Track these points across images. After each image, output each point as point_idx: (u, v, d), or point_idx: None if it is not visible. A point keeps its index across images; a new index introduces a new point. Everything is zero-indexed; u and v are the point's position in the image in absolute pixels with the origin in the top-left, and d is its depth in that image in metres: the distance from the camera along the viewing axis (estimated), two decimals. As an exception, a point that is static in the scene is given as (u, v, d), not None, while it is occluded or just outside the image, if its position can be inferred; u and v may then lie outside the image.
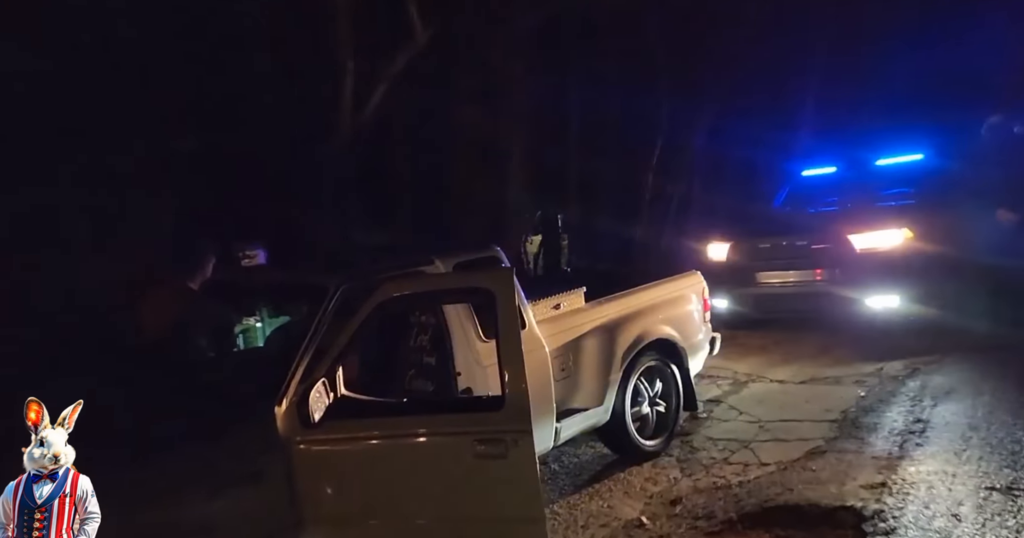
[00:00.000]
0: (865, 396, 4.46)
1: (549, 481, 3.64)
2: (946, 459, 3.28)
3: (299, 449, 2.23)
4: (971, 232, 5.68)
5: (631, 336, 3.75)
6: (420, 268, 2.97)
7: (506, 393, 2.27)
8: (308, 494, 2.23)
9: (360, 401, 2.38)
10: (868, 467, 3.30)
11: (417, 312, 3.08)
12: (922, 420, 3.85)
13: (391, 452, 2.29)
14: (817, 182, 7.42)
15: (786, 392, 4.80)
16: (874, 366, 5.06)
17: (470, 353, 3.03)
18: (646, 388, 3.88)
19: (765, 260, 6.35)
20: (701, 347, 4.34)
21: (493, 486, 2.25)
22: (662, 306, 4.06)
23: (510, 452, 2.21)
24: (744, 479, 3.41)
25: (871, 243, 5.83)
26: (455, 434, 2.27)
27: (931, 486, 3.01)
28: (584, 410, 3.51)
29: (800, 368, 5.28)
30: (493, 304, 2.35)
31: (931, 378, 4.62)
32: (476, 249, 3.41)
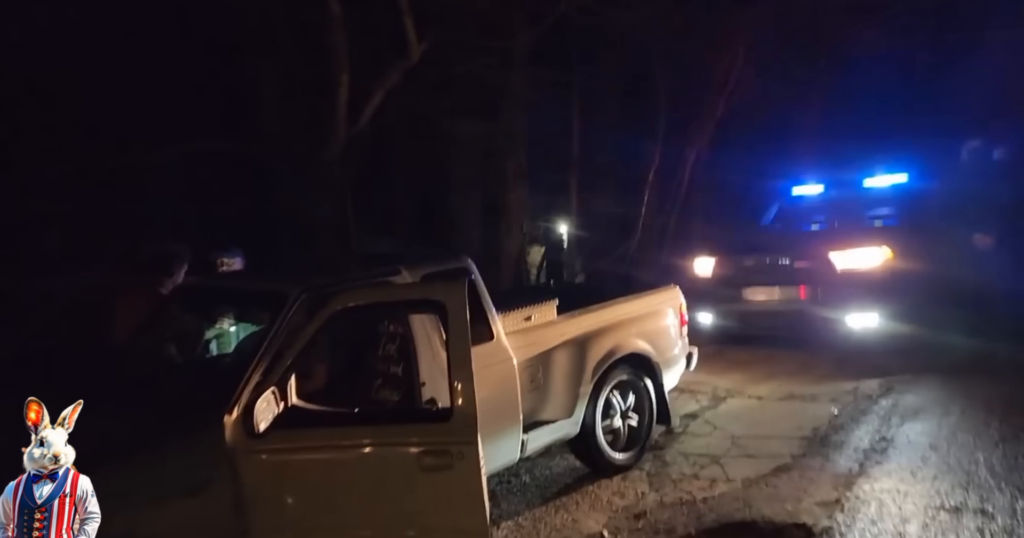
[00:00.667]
0: (838, 414, 4.46)
1: (519, 493, 3.66)
2: (901, 477, 3.29)
3: (244, 459, 2.25)
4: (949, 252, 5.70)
5: (603, 349, 3.77)
6: (386, 278, 3.02)
7: (454, 405, 2.31)
8: (253, 505, 2.24)
9: (310, 411, 2.41)
10: (827, 484, 3.31)
11: (385, 322, 3.11)
12: (886, 438, 3.85)
13: (336, 463, 2.31)
14: (805, 201, 7.46)
15: (763, 408, 4.80)
16: (851, 384, 5.05)
17: (435, 364, 3.05)
18: (618, 401, 3.89)
19: (750, 276, 6.36)
20: (676, 362, 4.34)
21: (439, 498, 2.27)
22: (636, 320, 4.08)
23: (456, 464, 2.23)
24: (709, 495, 3.42)
25: (852, 262, 5.85)
26: (401, 445, 2.30)
27: (882, 504, 3.02)
28: (553, 422, 3.53)
29: (780, 385, 5.28)
30: (444, 315, 2.39)
31: (903, 397, 4.63)
32: (446, 260, 3.45)
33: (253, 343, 2.61)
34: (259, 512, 2.25)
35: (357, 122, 6.68)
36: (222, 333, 3.41)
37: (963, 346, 5.45)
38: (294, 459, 2.30)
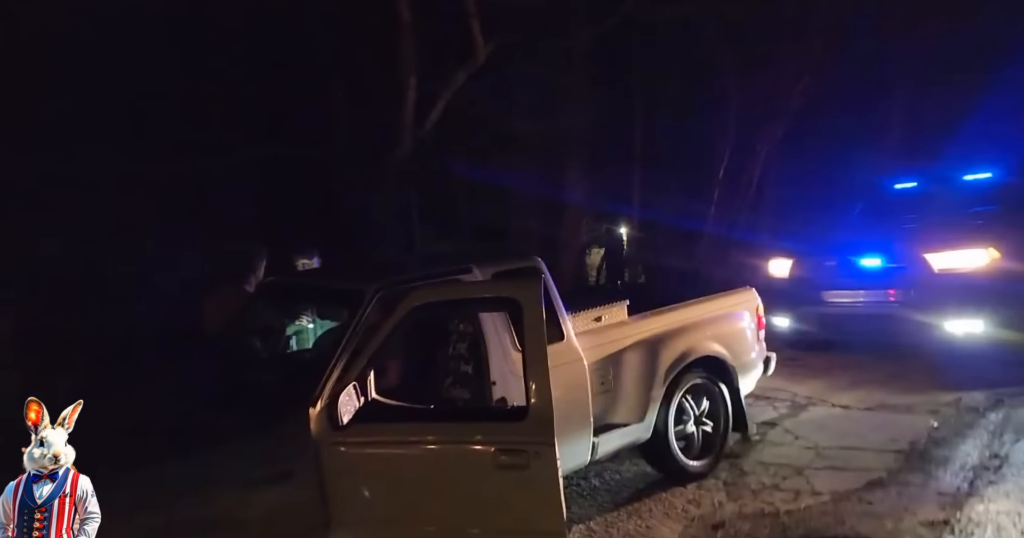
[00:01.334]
0: (938, 427, 4.11)
1: (588, 496, 3.58)
2: (1021, 499, 2.96)
3: (328, 450, 2.31)
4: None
5: (676, 352, 3.64)
6: (458, 276, 3.02)
7: (530, 404, 2.27)
8: (336, 495, 2.29)
9: (388, 406, 2.44)
10: (931, 503, 3.04)
11: (456, 320, 3.12)
12: (999, 456, 3.50)
13: (414, 458, 2.33)
14: (895, 196, 6.94)
15: (849, 418, 4.50)
16: (951, 396, 4.65)
17: (506, 363, 3.03)
18: (692, 406, 3.75)
19: (832, 277, 5.99)
20: (753, 366, 4.15)
21: (514, 498, 2.24)
22: (711, 322, 3.92)
23: (532, 464, 2.19)
24: (794, 507, 3.22)
25: (951, 263, 5.37)
26: (477, 443, 2.29)
27: (999, 527, 2.74)
28: (624, 426, 3.44)
29: (867, 393, 4.93)
30: (520, 314, 2.36)
31: (1016, 411, 4.20)
32: (516, 258, 3.43)
33: (332, 339, 2.67)
34: (341, 502, 2.30)
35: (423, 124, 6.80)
36: (301, 329, 3.52)
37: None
38: (374, 452, 2.34)
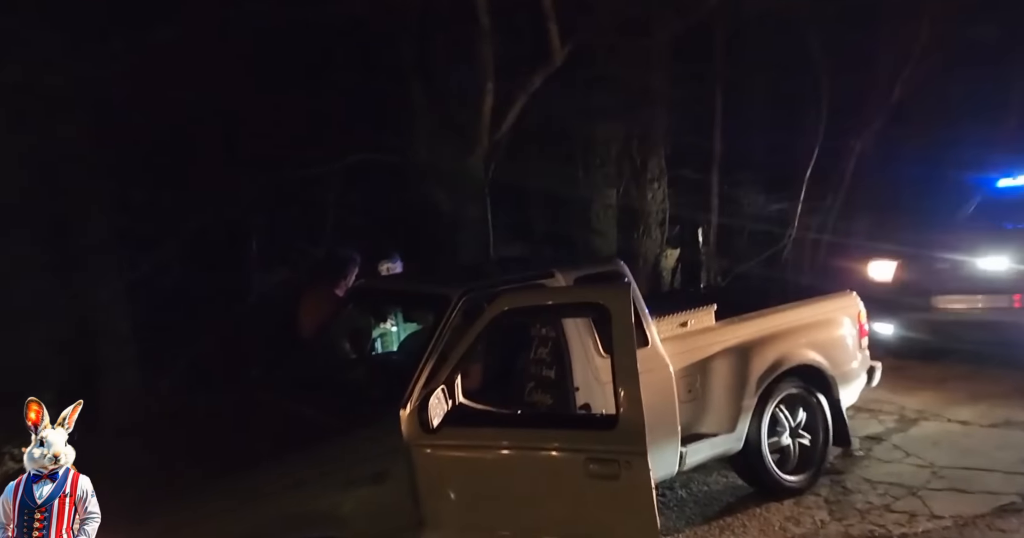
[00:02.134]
0: (1077, 448, 3.66)
1: (675, 508, 3.46)
2: None
3: (419, 453, 2.34)
4: None
5: (768, 360, 3.46)
6: (541, 280, 3.00)
7: (620, 412, 2.21)
8: (427, 497, 2.32)
9: (477, 410, 2.45)
10: (1076, 535, 2.70)
11: (538, 324, 3.11)
12: None
13: (504, 463, 2.33)
14: (1015, 194, 6.27)
15: (969, 435, 4.10)
16: (1093, 413, 4.14)
17: (589, 368, 2.98)
18: (787, 418, 3.56)
19: (944, 281, 5.48)
20: (855, 376, 3.87)
21: (606, 507, 2.19)
22: (807, 328, 3.70)
23: (623, 474, 2.13)
24: (909, 531, 2.98)
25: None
26: (567, 451, 2.25)
27: None
28: (713, 436, 3.31)
29: (989, 408, 4.47)
30: (608, 320, 2.30)
31: None
32: (599, 263, 3.40)
33: (419, 342, 2.73)
34: (430, 504, 2.33)
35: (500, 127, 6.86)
36: (386, 332, 3.63)
37: None
38: (464, 455, 2.36)
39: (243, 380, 3.07)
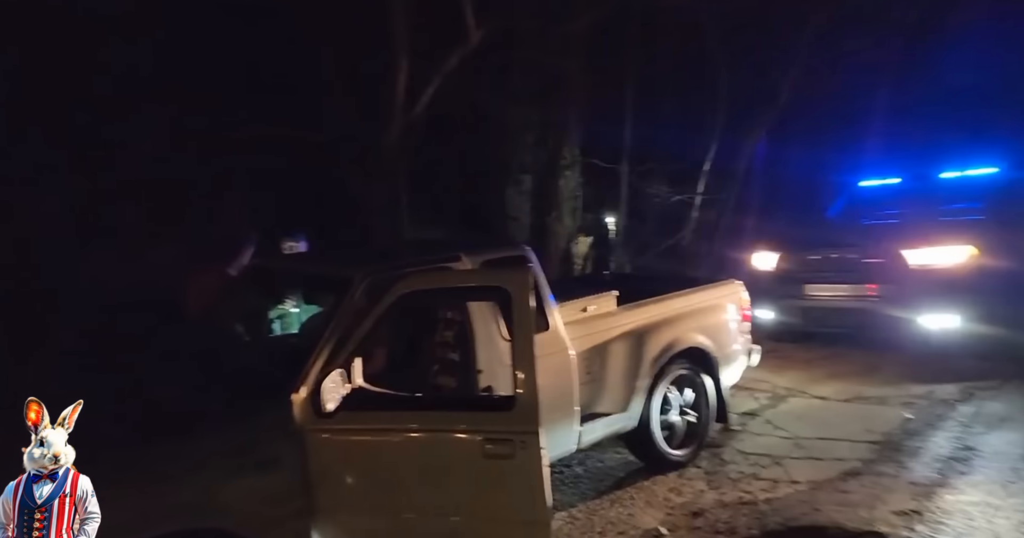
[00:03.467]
0: (912, 419, 4.22)
1: (571, 484, 3.63)
2: (990, 490, 3.08)
3: (313, 438, 2.29)
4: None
5: (661, 343, 3.69)
6: (447, 264, 3.01)
7: (517, 394, 2.27)
8: (320, 483, 2.28)
9: (375, 393, 2.43)
10: (903, 493, 3.14)
11: (444, 308, 3.11)
12: (970, 447, 3.61)
13: (400, 446, 2.33)
14: (877, 194, 7.05)
15: (827, 409, 4.59)
16: (925, 388, 4.78)
17: (493, 351, 3.04)
18: (676, 397, 3.81)
19: (814, 272, 6.08)
20: (737, 358, 4.21)
21: (500, 487, 2.25)
22: (696, 314, 3.96)
23: (518, 453, 2.21)
24: (772, 496, 3.30)
25: (929, 259, 5.49)
26: (465, 432, 2.29)
27: (969, 517, 2.84)
28: (609, 415, 3.48)
29: (845, 385, 5.04)
30: (509, 303, 2.36)
31: (986, 404, 4.34)
32: (506, 247, 3.43)
33: (318, 324, 2.65)
34: (324, 490, 2.29)
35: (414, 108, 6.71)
36: (285, 314, 3.49)
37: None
38: (359, 440, 2.33)
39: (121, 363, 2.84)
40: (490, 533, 2.30)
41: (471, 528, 2.30)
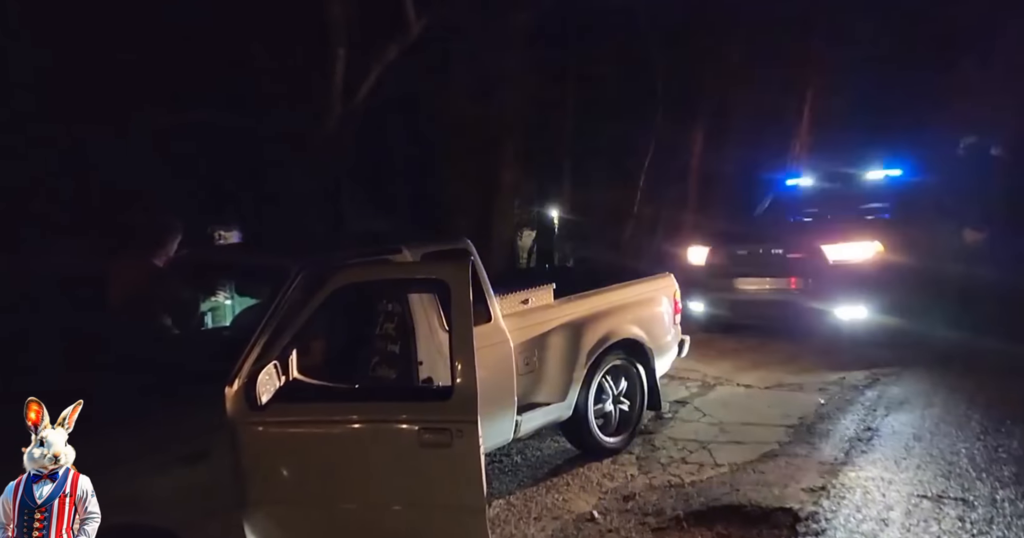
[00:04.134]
0: (825, 403, 4.55)
1: (509, 473, 3.71)
2: (886, 466, 3.38)
3: (246, 430, 2.26)
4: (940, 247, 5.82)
5: (597, 334, 3.80)
6: (387, 256, 3.00)
7: (455, 384, 2.32)
8: (253, 475, 2.26)
9: (311, 385, 2.41)
10: (813, 471, 3.40)
11: (384, 300, 3.11)
12: (872, 428, 3.95)
13: (337, 437, 2.33)
14: (800, 192, 7.52)
15: (751, 396, 4.88)
16: (837, 375, 5.16)
17: (433, 343, 3.06)
18: (611, 386, 3.94)
19: (743, 266, 6.43)
20: (669, 349, 4.39)
21: (437, 475, 2.29)
22: (631, 306, 4.11)
23: (455, 442, 2.25)
24: (697, 479, 3.49)
25: (843, 255, 5.93)
26: (401, 422, 2.31)
27: (867, 491, 3.11)
28: (546, 405, 3.56)
29: (768, 373, 5.37)
30: (447, 295, 2.39)
31: (888, 388, 4.74)
32: (447, 240, 3.45)
33: (253, 317, 2.60)
34: (258, 482, 2.27)
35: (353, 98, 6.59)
36: (218, 306, 3.38)
37: (949, 339, 5.60)
38: (295, 432, 2.32)
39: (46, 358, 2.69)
40: (428, 520, 2.34)
41: (410, 516, 2.33)
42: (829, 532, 2.76)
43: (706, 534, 2.85)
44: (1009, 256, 5.56)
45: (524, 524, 3.11)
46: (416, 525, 2.35)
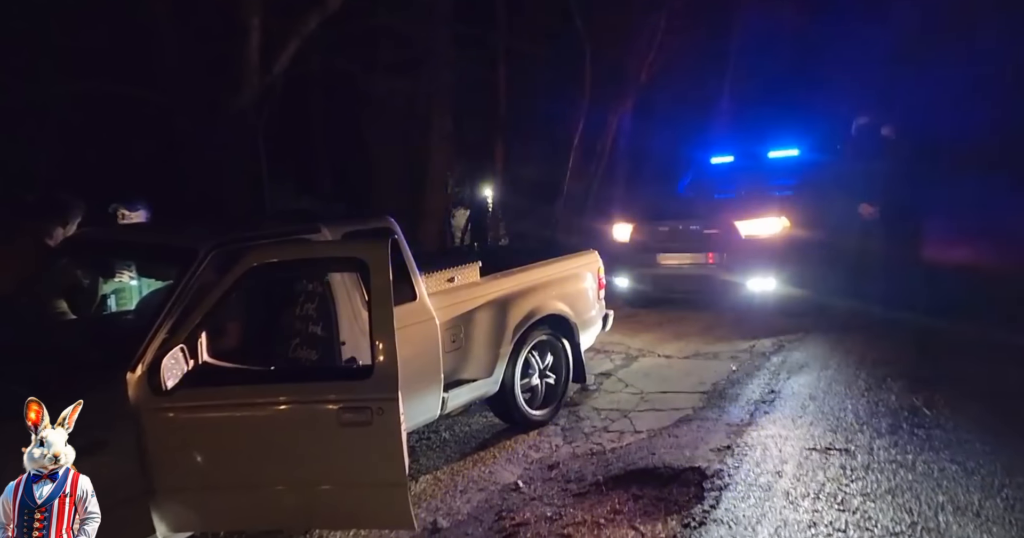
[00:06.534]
0: (736, 370, 4.86)
1: (438, 448, 3.75)
2: (783, 425, 3.68)
3: (152, 417, 2.19)
4: (838, 222, 6.30)
5: (523, 311, 3.87)
6: (306, 235, 2.93)
7: (375, 362, 2.31)
8: (159, 463, 2.19)
9: (222, 369, 2.35)
10: (721, 433, 3.65)
11: (304, 280, 3.04)
12: (775, 391, 4.27)
13: (251, 420, 2.28)
14: (718, 170, 7.87)
15: (671, 366, 5.14)
16: (748, 343, 5.51)
17: (356, 323, 3.03)
18: (537, 361, 4.03)
19: (664, 242, 6.69)
20: (593, 323, 4.53)
21: (358, 453, 2.30)
22: (556, 282, 4.19)
23: (375, 420, 2.26)
24: (617, 445, 3.66)
25: (754, 230, 6.30)
26: (319, 402, 2.29)
27: (766, 448, 3.38)
28: (473, 381, 3.62)
29: (686, 344, 5.66)
30: (366, 274, 2.37)
31: (791, 354, 5.12)
32: (369, 219, 3.39)
33: (159, 300, 2.48)
34: (166, 470, 2.20)
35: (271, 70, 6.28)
36: (122, 288, 3.20)
37: (846, 307, 6.08)
38: (205, 417, 2.25)
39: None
40: (351, 498, 2.35)
41: (335, 494, 2.33)
42: (731, 486, 2.98)
43: (623, 496, 3.00)
44: (900, 229, 6.08)
45: (450, 497, 3.18)
46: (341, 503, 2.35)
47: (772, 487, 2.96)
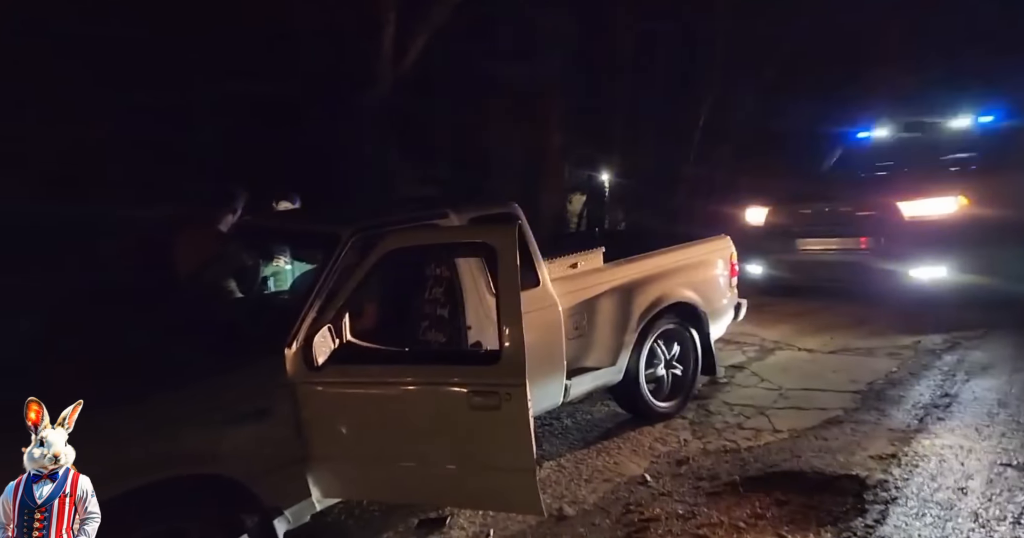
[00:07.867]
0: (896, 369, 4.32)
1: (560, 435, 3.73)
2: (965, 434, 3.19)
3: (305, 390, 2.35)
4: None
5: (649, 298, 3.72)
6: (435, 221, 3.00)
7: (503, 348, 2.31)
8: (310, 432, 2.36)
9: (363, 348, 2.47)
10: (882, 438, 3.24)
11: (432, 264, 3.12)
12: (950, 395, 3.72)
13: (389, 398, 2.38)
14: (871, 145, 6.98)
15: (813, 361, 4.69)
16: (911, 339, 4.87)
17: (481, 307, 3.06)
18: (663, 351, 3.87)
19: (806, 226, 6.09)
20: (724, 312, 4.26)
21: (487, 437, 2.32)
22: (684, 269, 3.99)
23: (503, 405, 2.26)
24: (754, 444, 3.41)
25: (921, 211, 5.49)
26: (451, 385, 2.34)
27: (943, 459, 2.95)
28: (596, 369, 3.54)
29: (832, 338, 5.13)
30: (494, 259, 2.36)
31: (970, 353, 4.43)
32: (494, 205, 3.41)
33: (308, 282, 2.67)
34: (316, 439, 2.37)
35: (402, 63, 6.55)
36: (279, 271, 3.50)
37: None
38: (350, 392, 2.38)
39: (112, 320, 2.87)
40: (479, 480, 2.38)
41: (464, 475, 2.38)
42: (900, 500, 2.64)
43: (764, 499, 2.78)
44: None
45: (575, 485, 3.14)
46: (470, 485, 2.40)
47: (955, 506, 2.58)
